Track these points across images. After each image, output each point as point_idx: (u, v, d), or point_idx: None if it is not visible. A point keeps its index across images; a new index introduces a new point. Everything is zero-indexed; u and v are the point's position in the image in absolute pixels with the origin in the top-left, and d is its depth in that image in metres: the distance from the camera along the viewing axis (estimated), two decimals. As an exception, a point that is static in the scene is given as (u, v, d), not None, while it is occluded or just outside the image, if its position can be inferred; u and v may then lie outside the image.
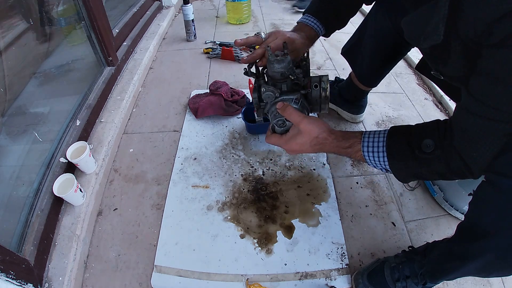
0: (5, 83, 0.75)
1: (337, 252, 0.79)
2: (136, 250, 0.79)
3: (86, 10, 1.04)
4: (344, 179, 0.97)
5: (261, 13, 2.02)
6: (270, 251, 0.79)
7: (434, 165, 0.55)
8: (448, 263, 0.59)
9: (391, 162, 0.59)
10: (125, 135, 1.10)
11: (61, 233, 0.75)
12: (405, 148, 0.57)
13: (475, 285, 0.75)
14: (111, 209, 0.88)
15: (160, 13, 1.84)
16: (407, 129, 0.60)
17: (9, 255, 0.57)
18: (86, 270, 0.75)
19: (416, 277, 0.65)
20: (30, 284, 0.61)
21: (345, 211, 0.88)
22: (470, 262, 0.54)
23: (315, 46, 1.64)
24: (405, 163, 0.58)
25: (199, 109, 1.13)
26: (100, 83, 1.12)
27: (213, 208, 0.87)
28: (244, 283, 0.73)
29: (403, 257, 0.70)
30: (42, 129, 0.87)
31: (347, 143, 0.64)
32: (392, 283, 0.67)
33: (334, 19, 0.80)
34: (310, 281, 0.74)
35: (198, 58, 1.52)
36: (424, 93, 1.36)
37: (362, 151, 0.62)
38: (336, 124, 1.16)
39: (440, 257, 0.63)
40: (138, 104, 1.23)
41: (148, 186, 0.93)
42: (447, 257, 0.60)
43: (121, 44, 1.35)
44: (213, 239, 0.81)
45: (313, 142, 0.65)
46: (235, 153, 1.03)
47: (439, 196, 0.90)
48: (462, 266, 0.56)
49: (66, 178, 0.78)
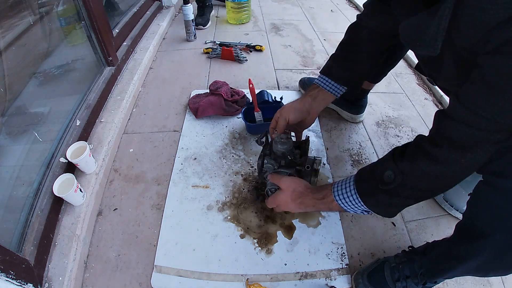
0: (5, 83, 0.75)
1: (337, 252, 0.79)
2: (136, 250, 0.79)
3: (86, 10, 1.04)
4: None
5: (261, 13, 2.02)
6: (270, 251, 0.79)
7: (403, 191, 0.56)
8: (446, 262, 0.60)
9: (365, 200, 0.62)
10: (125, 135, 1.10)
11: (61, 233, 0.75)
12: (371, 185, 0.60)
13: (475, 285, 0.75)
14: (111, 209, 0.88)
15: (160, 13, 1.83)
16: (371, 167, 0.63)
17: (9, 255, 0.57)
18: (86, 270, 0.75)
19: (416, 277, 0.66)
20: (30, 284, 0.61)
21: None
22: (468, 261, 0.54)
23: (315, 46, 1.64)
24: (376, 199, 0.60)
25: (199, 109, 1.13)
26: (100, 83, 1.12)
27: (213, 208, 0.87)
28: (244, 283, 0.73)
29: (403, 257, 0.70)
30: (42, 129, 0.87)
31: (321, 194, 0.69)
32: (392, 283, 0.67)
33: (351, 76, 0.83)
34: (310, 281, 0.74)
35: (198, 58, 1.52)
36: (424, 93, 1.36)
37: (335, 200, 0.66)
38: (336, 124, 1.16)
39: (439, 256, 0.63)
40: (138, 104, 1.23)
41: (148, 186, 0.93)
42: (446, 256, 0.61)
43: (121, 44, 1.35)
44: (213, 239, 0.81)
45: (293, 196, 0.71)
46: (235, 153, 1.03)
47: (439, 196, 0.90)
48: (460, 266, 0.56)
49: (66, 178, 0.78)
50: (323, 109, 0.88)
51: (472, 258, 0.53)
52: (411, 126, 1.17)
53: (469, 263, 0.54)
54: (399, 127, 1.17)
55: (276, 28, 1.83)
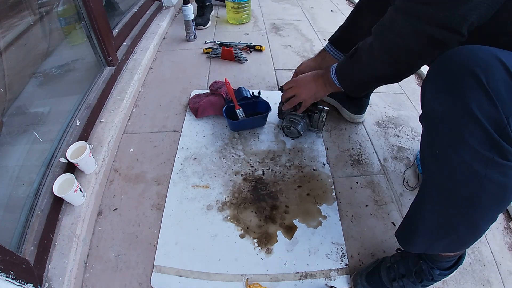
0: (5, 83, 0.75)
1: (336, 252, 0.79)
2: (136, 250, 0.79)
3: (86, 10, 1.04)
4: (344, 179, 0.97)
5: (261, 13, 2.02)
6: (270, 251, 0.79)
7: (362, 55, 0.71)
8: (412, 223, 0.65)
9: (337, 74, 0.80)
10: (125, 135, 1.10)
11: (61, 233, 0.75)
12: (345, 59, 0.78)
13: (475, 285, 0.75)
14: (111, 209, 0.88)
15: (160, 13, 1.84)
16: None
17: (9, 255, 0.57)
18: (86, 270, 0.75)
19: (412, 275, 0.65)
20: (30, 284, 0.61)
21: (345, 211, 0.88)
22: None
23: (315, 46, 1.64)
24: (344, 71, 0.79)
25: (199, 109, 1.13)
26: (100, 83, 1.12)
27: (213, 208, 0.87)
28: (244, 283, 0.73)
29: (398, 256, 0.70)
30: (42, 129, 0.87)
31: (325, 72, 0.86)
32: (388, 283, 0.67)
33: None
34: (309, 281, 0.74)
35: (198, 58, 1.53)
36: (424, 93, 1.36)
37: (331, 75, 0.82)
38: (336, 124, 1.16)
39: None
40: (138, 104, 1.23)
41: (148, 186, 0.93)
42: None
43: (121, 44, 1.35)
44: (213, 239, 0.81)
45: (307, 77, 0.90)
46: (235, 153, 1.03)
47: (439, 196, 0.90)
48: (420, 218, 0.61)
49: (66, 178, 0.78)
50: None
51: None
52: (411, 126, 1.17)
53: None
54: (399, 127, 1.17)
55: (276, 28, 1.83)
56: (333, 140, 1.10)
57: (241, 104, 1.10)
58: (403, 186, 0.96)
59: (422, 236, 0.60)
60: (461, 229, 0.54)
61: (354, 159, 1.04)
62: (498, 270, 0.78)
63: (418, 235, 0.61)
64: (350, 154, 1.05)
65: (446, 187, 0.52)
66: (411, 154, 1.07)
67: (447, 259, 0.65)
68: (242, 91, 1.13)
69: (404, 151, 1.07)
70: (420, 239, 0.61)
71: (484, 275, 0.77)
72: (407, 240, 0.65)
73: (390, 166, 1.02)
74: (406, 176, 0.99)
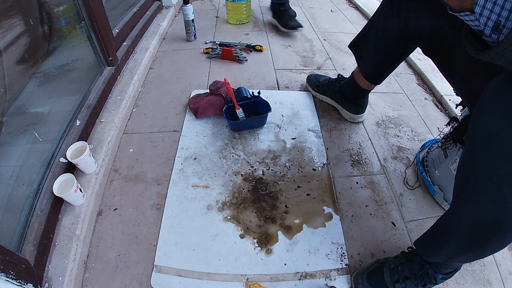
0: (5, 83, 0.75)
1: (336, 252, 0.79)
2: (136, 250, 0.79)
3: (86, 10, 1.04)
4: (344, 179, 0.97)
5: (261, 13, 2.02)
6: (270, 251, 0.79)
7: None
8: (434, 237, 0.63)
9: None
10: (125, 135, 1.10)
11: (61, 233, 0.75)
12: None
13: (475, 285, 0.75)
14: (111, 209, 0.88)
15: (160, 13, 1.83)
16: None
17: (9, 255, 0.57)
18: (86, 270, 0.75)
19: (416, 278, 0.66)
20: (30, 284, 0.61)
21: (345, 211, 0.88)
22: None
23: (315, 46, 1.64)
24: None
25: (199, 109, 1.13)
26: (100, 83, 1.12)
27: (213, 208, 0.87)
28: (244, 283, 0.73)
29: (402, 258, 0.70)
30: (42, 129, 0.87)
31: None
32: (391, 284, 0.67)
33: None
34: (309, 281, 0.74)
35: (198, 58, 1.52)
36: (424, 93, 1.36)
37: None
38: (336, 124, 1.16)
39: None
40: (138, 104, 1.23)
41: (148, 186, 0.93)
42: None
43: (121, 44, 1.35)
44: (213, 239, 0.81)
45: None
46: (235, 153, 1.03)
47: (439, 196, 0.90)
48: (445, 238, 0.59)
49: (66, 178, 0.78)
50: (323, 109, 0.91)
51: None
52: (411, 126, 1.17)
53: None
54: (399, 127, 1.17)
55: (276, 28, 1.83)
56: (333, 140, 1.10)
57: (241, 104, 1.10)
58: (403, 186, 0.96)
59: (450, 250, 0.59)
60: (489, 246, 0.54)
61: (354, 159, 1.04)
62: (498, 270, 0.78)
63: (446, 248, 0.60)
64: (350, 154, 1.05)
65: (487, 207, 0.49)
66: (411, 154, 1.07)
67: (453, 266, 0.66)
68: (242, 91, 1.13)
69: (404, 151, 1.07)
70: (447, 252, 0.60)
71: (484, 275, 0.77)
72: (431, 251, 0.64)
73: (390, 166, 1.02)
74: (406, 175, 0.99)
